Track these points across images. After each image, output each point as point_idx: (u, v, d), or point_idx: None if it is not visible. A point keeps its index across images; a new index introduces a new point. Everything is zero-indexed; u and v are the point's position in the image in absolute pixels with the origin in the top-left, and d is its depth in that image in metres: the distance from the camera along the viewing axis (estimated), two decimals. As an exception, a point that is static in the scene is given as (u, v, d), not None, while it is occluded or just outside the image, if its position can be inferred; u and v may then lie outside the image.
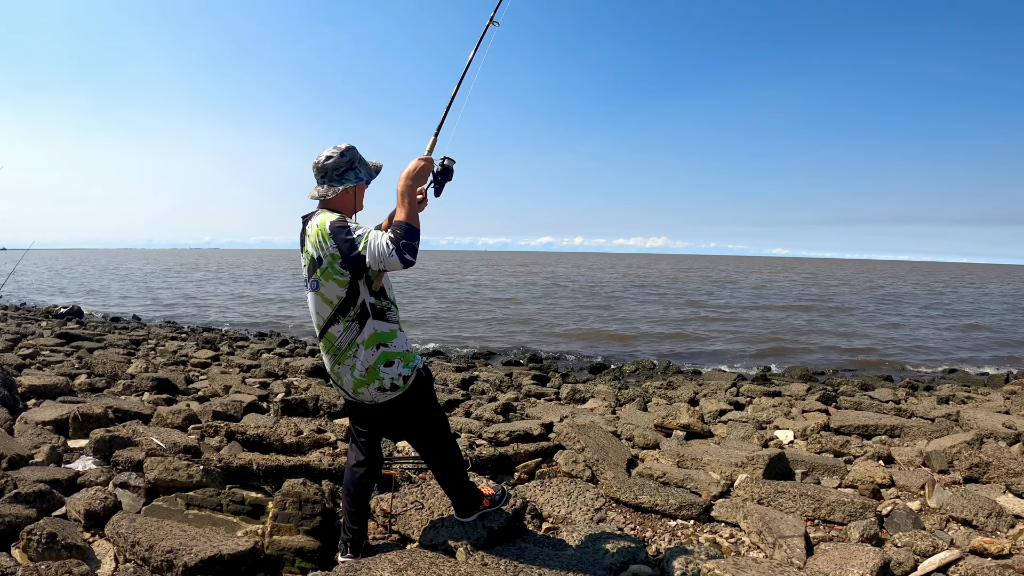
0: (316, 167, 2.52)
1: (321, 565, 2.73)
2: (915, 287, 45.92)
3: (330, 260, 2.39)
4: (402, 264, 2.28)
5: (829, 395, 7.38)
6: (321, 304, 2.47)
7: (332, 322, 2.48)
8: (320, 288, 2.44)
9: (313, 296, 2.49)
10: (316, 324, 2.55)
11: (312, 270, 2.46)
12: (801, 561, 2.85)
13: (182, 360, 9.18)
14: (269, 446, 4.24)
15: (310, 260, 2.46)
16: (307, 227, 2.48)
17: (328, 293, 2.44)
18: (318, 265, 2.42)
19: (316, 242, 2.41)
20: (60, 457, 3.90)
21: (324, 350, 2.56)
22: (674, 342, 16.07)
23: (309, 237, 2.45)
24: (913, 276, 73.90)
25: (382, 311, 2.50)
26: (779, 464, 4.14)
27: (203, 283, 38.06)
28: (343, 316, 2.45)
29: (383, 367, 2.47)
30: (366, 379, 2.47)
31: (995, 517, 3.27)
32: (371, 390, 2.49)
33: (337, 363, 2.51)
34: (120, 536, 2.73)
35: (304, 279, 2.53)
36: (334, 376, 2.58)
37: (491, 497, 3.03)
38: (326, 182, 2.51)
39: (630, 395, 7.75)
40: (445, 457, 2.76)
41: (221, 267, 64.78)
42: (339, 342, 2.48)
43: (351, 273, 2.39)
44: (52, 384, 5.76)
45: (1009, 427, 5.29)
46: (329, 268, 2.40)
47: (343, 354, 2.49)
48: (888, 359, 13.95)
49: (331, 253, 2.38)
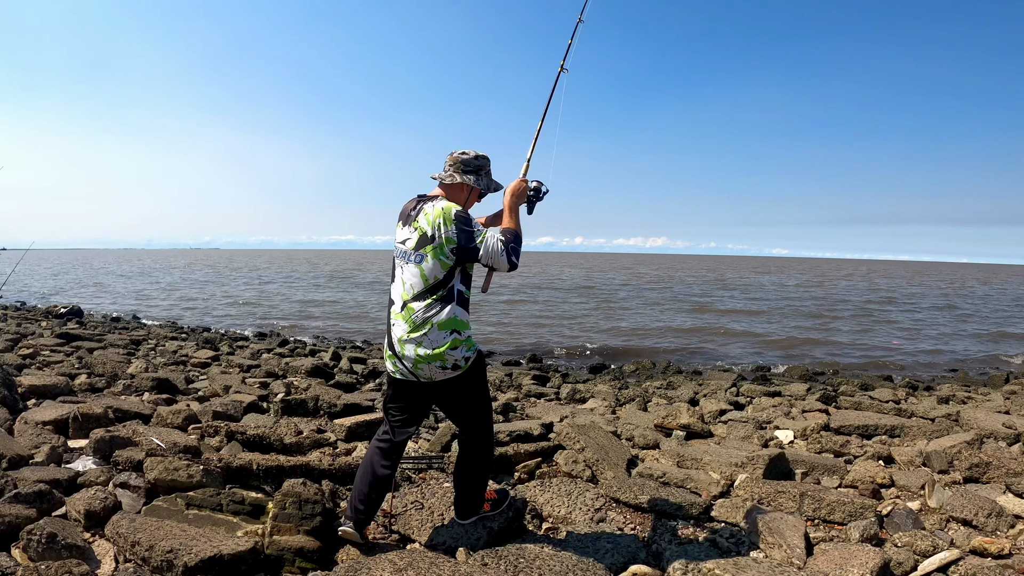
0: (452, 156, 2.77)
1: (321, 565, 2.73)
2: (925, 289, 45.84)
3: (444, 242, 2.58)
4: (508, 265, 2.60)
5: (829, 395, 7.39)
6: (417, 278, 2.62)
7: (419, 298, 2.62)
8: (423, 262, 2.61)
9: (413, 268, 2.63)
10: (401, 294, 2.67)
11: (421, 244, 2.62)
12: (801, 561, 2.85)
13: (182, 360, 9.18)
14: (269, 446, 4.24)
15: (421, 235, 2.62)
16: (425, 206, 2.67)
17: (428, 270, 2.61)
18: (429, 242, 2.60)
19: (434, 222, 2.59)
20: (60, 457, 3.90)
21: (400, 319, 2.65)
22: (675, 343, 16.07)
23: (426, 215, 2.62)
24: (919, 277, 73.82)
25: (465, 301, 2.70)
26: (779, 464, 4.14)
27: (204, 284, 38.06)
28: (432, 295, 2.61)
29: (449, 350, 2.61)
30: (430, 358, 2.60)
31: (995, 517, 3.27)
32: (432, 367, 2.62)
33: (408, 334, 2.61)
34: (120, 536, 2.73)
35: (402, 250, 2.69)
36: (396, 347, 2.66)
37: (492, 501, 3.07)
38: (453, 170, 2.75)
39: (630, 395, 7.75)
40: (479, 440, 2.85)
41: (221, 267, 64.75)
42: (416, 316, 2.61)
43: (456, 259, 2.61)
44: (52, 384, 5.76)
45: (1009, 427, 5.29)
46: (439, 248, 2.59)
47: (416, 327, 2.61)
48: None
49: (447, 236, 2.57)
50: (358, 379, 8.07)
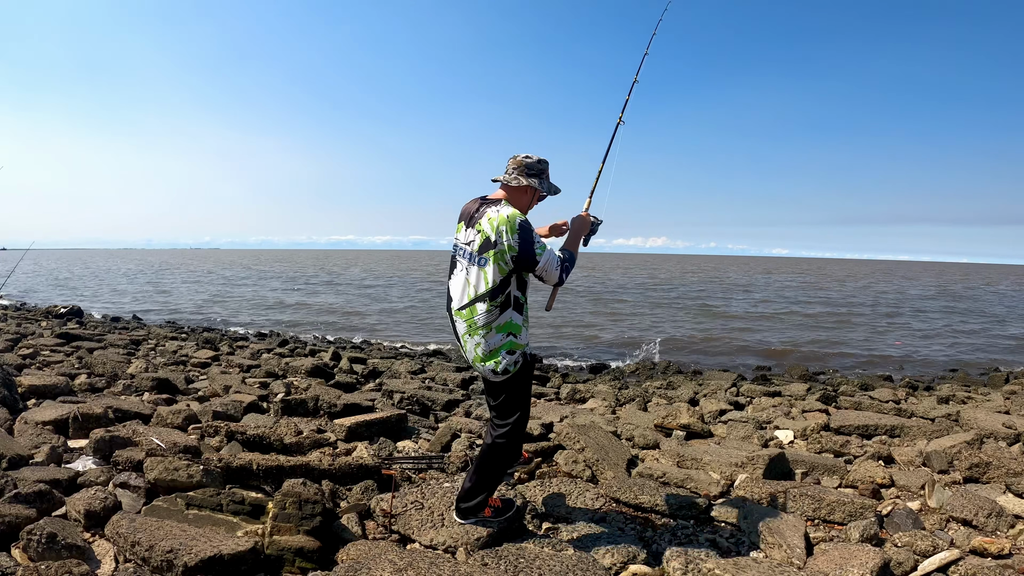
0: (515, 160, 2.88)
1: (321, 565, 2.73)
2: (926, 289, 45.82)
3: (505, 249, 2.70)
4: (558, 279, 2.80)
5: (829, 395, 7.38)
6: (480, 280, 2.76)
7: (481, 299, 2.77)
8: (486, 266, 2.74)
9: (476, 270, 2.77)
10: (466, 293, 2.81)
11: (484, 248, 2.74)
12: (801, 561, 2.85)
13: (182, 360, 9.18)
14: (269, 446, 4.24)
15: (484, 239, 2.73)
16: (488, 210, 2.77)
17: (488, 273, 2.74)
18: (492, 247, 2.71)
19: (497, 228, 2.70)
20: (60, 457, 3.90)
21: (460, 318, 2.84)
22: (676, 342, 16.07)
23: (490, 220, 2.73)
24: (921, 277, 73.82)
25: (520, 305, 2.85)
26: (779, 464, 4.14)
27: (204, 284, 38.06)
28: (491, 299, 2.75)
29: (504, 352, 2.79)
30: (486, 358, 2.80)
31: (995, 517, 3.27)
32: (486, 368, 2.81)
33: (468, 334, 2.81)
34: (120, 536, 2.73)
35: (465, 250, 2.83)
36: (461, 342, 2.88)
37: (495, 508, 3.08)
38: (517, 173, 2.85)
39: (630, 395, 7.75)
40: (508, 439, 2.94)
41: (223, 267, 64.76)
42: (478, 318, 2.78)
43: (515, 267, 2.74)
44: (52, 384, 5.76)
45: (1009, 427, 5.29)
46: (500, 254, 2.71)
47: (476, 329, 2.79)
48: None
49: (509, 244, 2.69)
50: (358, 379, 8.07)
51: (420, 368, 9.50)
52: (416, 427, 5.37)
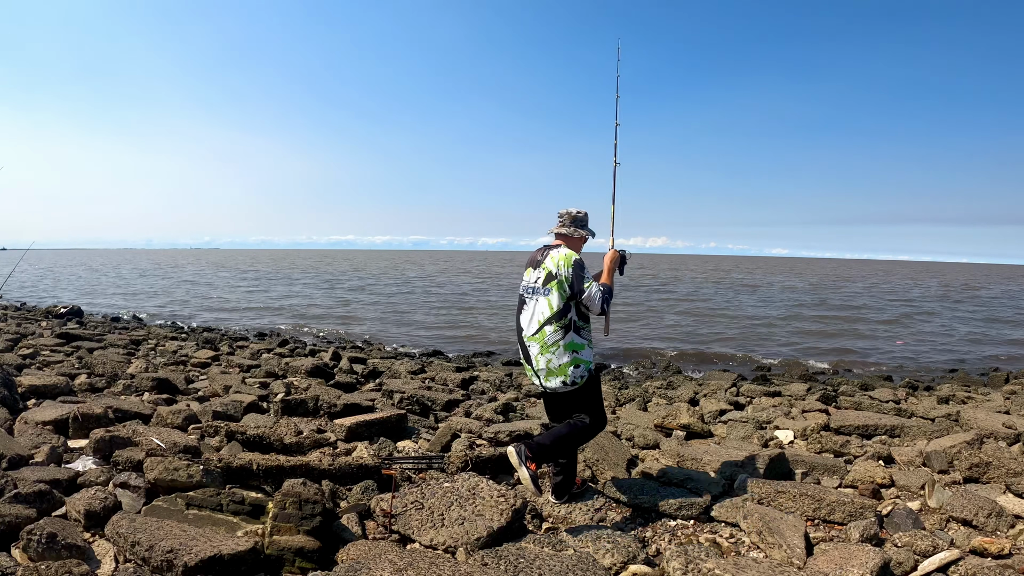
0: (569, 215, 3.58)
1: (321, 565, 2.73)
2: (925, 288, 45.83)
3: (563, 280, 3.34)
4: (599, 309, 3.36)
5: (829, 395, 7.38)
6: (545, 307, 3.37)
7: (549, 323, 3.35)
8: (550, 295, 3.36)
9: (543, 300, 3.38)
10: (535, 320, 3.39)
11: (548, 280, 3.38)
12: (801, 561, 2.85)
13: (182, 360, 9.18)
14: (269, 446, 4.24)
15: (547, 273, 3.38)
16: (552, 252, 3.44)
17: (552, 301, 3.36)
18: (553, 279, 3.36)
19: (559, 263, 3.37)
20: (60, 457, 3.90)
21: (533, 341, 3.40)
22: (676, 342, 16.07)
23: (552, 259, 3.40)
24: (923, 276, 73.83)
25: (579, 329, 3.40)
26: (779, 464, 4.14)
27: (205, 284, 38.09)
28: (556, 322, 3.34)
29: (571, 368, 3.34)
30: (556, 373, 3.35)
31: (995, 517, 3.27)
32: (556, 382, 3.37)
33: (540, 353, 3.37)
34: (120, 536, 2.73)
35: (532, 287, 3.46)
36: (533, 362, 3.41)
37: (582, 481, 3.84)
38: (574, 225, 3.58)
39: (630, 395, 7.75)
40: (591, 423, 3.47)
41: (221, 267, 64.82)
42: (548, 339, 3.35)
43: (570, 293, 3.34)
44: (52, 384, 5.76)
45: (1009, 427, 5.29)
46: (560, 284, 3.34)
47: (546, 348, 3.35)
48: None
49: (566, 275, 3.34)
50: (358, 379, 8.07)
51: (420, 368, 9.50)
52: (416, 427, 5.37)
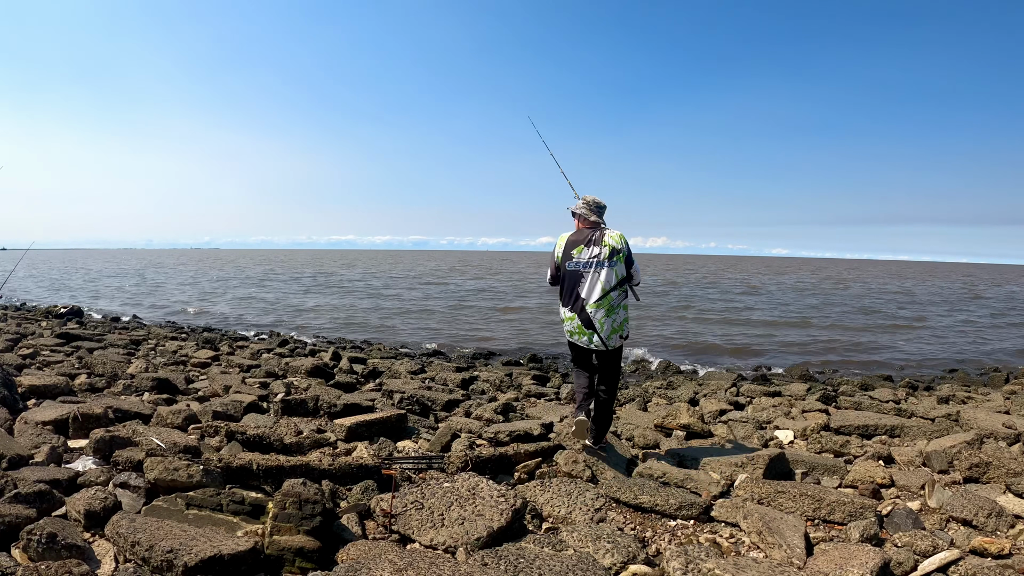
0: (598, 204, 4.24)
1: (321, 565, 2.73)
2: (927, 289, 45.79)
3: (625, 254, 4.11)
4: (639, 280, 4.25)
5: (829, 395, 7.38)
6: (611, 277, 4.05)
7: (614, 289, 4.05)
8: (616, 267, 4.06)
9: (608, 271, 4.04)
10: (601, 287, 4.03)
11: (612, 255, 4.05)
12: (801, 561, 2.85)
13: (182, 360, 9.18)
14: (269, 446, 4.24)
15: (611, 249, 4.05)
16: (606, 232, 4.13)
17: (618, 272, 4.09)
18: (618, 253, 4.07)
19: (619, 241, 4.09)
20: (60, 457, 3.90)
21: (599, 307, 4.04)
22: (676, 342, 16.07)
23: (612, 236, 4.10)
24: (925, 276, 73.76)
25: (632, 292, 4.27)
26: (779, 464, 4.14)
27: (200, 285, 38.07)
28: (620, 287, 4.10)
29: (625, 325, 4.18)
30: (617, 329, 4.12)
31: (995, 517, 3.27)
32: (616, 337, 4.13)
33: (606, 315, 4.05)
34: (120, 536, 2.73)
35: (592, 261, 4.05)
36: (598, 325, 4.06)
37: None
38: (602, 215, 4.25)
39: (630, 395, 7.75)
40: (613, 395, 4.35)
41: (219, 267, 64.77)
42: (615, 301, 4.07)
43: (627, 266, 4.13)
44: (52, 384, 5.76)
45: (1009, 427, 5.29)
46: (620, 257, 4.08)
47: (613, 309, 4.07)
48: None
49: (626, 251, 4.12)
50: (358, 379, 8.07)
51: (420, 368, 9.50)
52: (416, 427, 5.37)
